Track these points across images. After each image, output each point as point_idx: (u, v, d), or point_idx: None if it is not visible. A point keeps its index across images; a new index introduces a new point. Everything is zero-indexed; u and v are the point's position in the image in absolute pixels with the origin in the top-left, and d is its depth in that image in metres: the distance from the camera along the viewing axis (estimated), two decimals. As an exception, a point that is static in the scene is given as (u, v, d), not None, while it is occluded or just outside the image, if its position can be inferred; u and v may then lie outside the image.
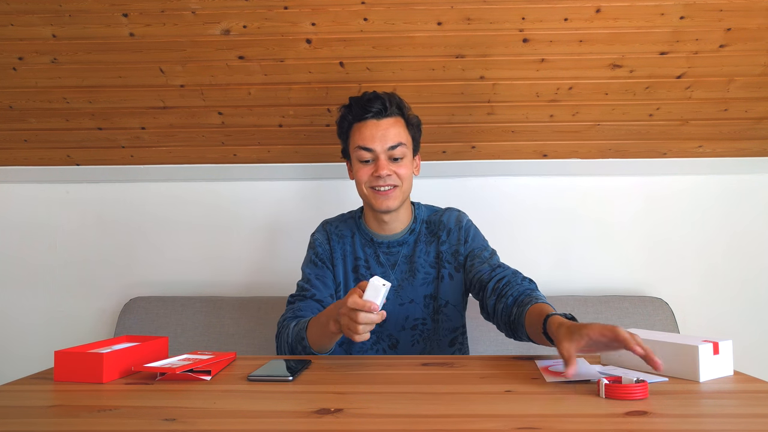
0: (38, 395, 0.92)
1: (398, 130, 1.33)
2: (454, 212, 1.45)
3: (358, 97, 1.35)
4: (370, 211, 1.40)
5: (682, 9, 1.46)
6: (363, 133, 1.32)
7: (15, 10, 1.50)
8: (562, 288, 1.90)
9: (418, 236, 1.42)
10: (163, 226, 1.98)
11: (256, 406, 0.84)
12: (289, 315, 1.34)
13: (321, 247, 1.42)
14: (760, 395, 0.86)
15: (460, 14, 1.49)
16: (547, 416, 0.76)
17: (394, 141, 1.31)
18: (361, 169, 1.33)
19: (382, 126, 1.32)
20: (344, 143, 1.40)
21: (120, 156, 1.92)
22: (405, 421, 0.76)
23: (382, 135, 1.31)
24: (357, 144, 1.32)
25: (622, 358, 1.03)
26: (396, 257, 1.40)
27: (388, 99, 1.33)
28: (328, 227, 1.46)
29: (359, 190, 1.37)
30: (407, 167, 1.34)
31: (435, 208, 1.49)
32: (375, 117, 1.32)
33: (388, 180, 1.31)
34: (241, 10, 1.49)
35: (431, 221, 1.44)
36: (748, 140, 1.82)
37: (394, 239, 1.40)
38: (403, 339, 1.38)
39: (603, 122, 1.77)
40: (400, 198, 1.34)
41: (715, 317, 1.89)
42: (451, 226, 1.41)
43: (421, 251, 1.40)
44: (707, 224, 1.92)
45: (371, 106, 1.31)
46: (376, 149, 1.31)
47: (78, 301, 1.98)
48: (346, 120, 1.37)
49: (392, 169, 1.32)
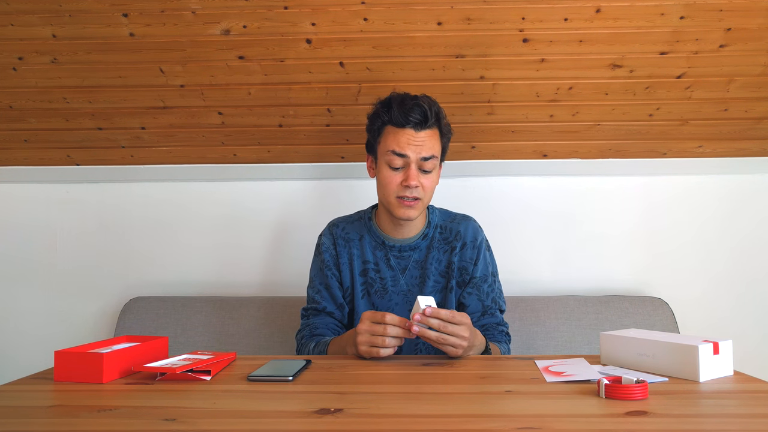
0: (38, 395, 0.92)
1: (433, 142, 1.30)
2: (471, 224, 1.42)
3: (400, 101, 1.30)
4: (386, 213, 1.37)
5: (682, 9, 1.46)
6: (399, 139, 1.29)
7: (15, 10, 1.50)
8: (562, 288, 1.90)
9: (431, 242, 1.40)
10: (163, 226, 1.98)
11: (256, 406, 0.84)
12: (306, 333, 1.38)
13: (327, 253, 1.42)
14: (760, 395, 0.86)
15: (460, 14, 1.49)
16: (547, 416, 0.76)
17: (428, 153, 1.29)
18: (391, 175, 1.30)
19: (420, 137, 1.29)
20: (372, 139, 1.37)
21: (120, 156, 1.92)
22: (405, 421, 0.76)
23: (418, 145, 1.28)
24: (391, 148, 1.29)
25: (622, 358, 1.04)
26: (407, 262, 1.39)
27: (428, 108, 1.29)
28: (334, 230, 1.44)
29: (382, 193, 1.34)
30: (433, 180, 1.33)
31: (450, 212, 1.46)
32: (414, 127, 1.28)
33: (415, 192, 1.29)
34: (241, 10, 1.49)
35: (446, 227, 1.42)
36: (748, 140, 1.83)
37: (407, 243, 1.39)
38: (406, 347, 1.36)
39: (603, 122, 1.77)
40: (420, 209, 1.33)
41: (715, 317, 1.89)
42: (467, 241, 1.39)
43: (434, 258, 1.39)
44: (707, 224, 1.92)
45: (413, 115, 1.27)
46: (410, 157, 1.28)
47: (78, 301, 1.98)
48: (380, 119, 1.33)
49: (420, 181, 1.29)
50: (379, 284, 1.38)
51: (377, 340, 1.07)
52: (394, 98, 1.32)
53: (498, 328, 1.38)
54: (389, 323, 1.07)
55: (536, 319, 1.74)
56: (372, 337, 1.08)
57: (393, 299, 1.37)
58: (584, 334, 1.72)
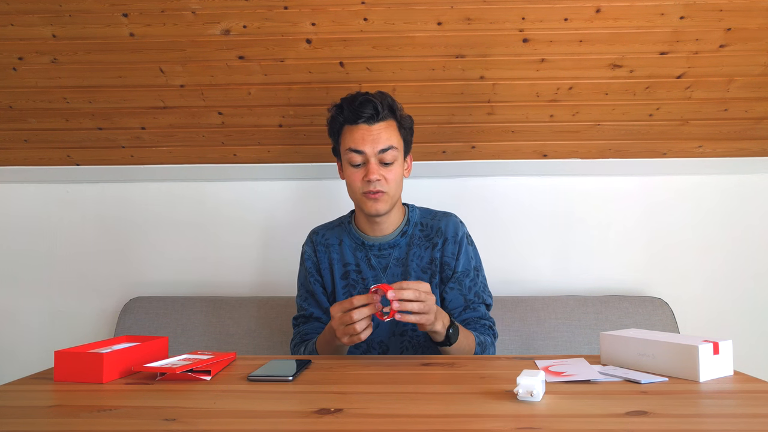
0: (38, 395, 0.92)
1: (389, 134, 1.32)
2: (452, 220, 1.43)
3: (350, 100, 1.33)
4: (362, 213, 1.39)
5: (682, 9, 1.46)
6: (354, 135, 1.31)
7: (15, 10, 1.50)
8: (562, 288, 1.91)
9: (411, 239, 1.40)
10: (163, 226, 1.98)
11: (256, 406, 0.84)
12: (298, 340, 1.41)
13: (309, 261, 1.44)
14: (760, 395, 0.86)
15: (460, 14, 1.49)
16: (547, 416, 0.76)
17: (385, 144, 1.30)
18: (353, 173, 1.33)
19: (374, 130, 1.30)
20: (335, 142, 1.40)
21: (120, 156, 1.92)
22: (405, 421, 0.76)
23: (374, 139, 1.30)
24: (348, 146, 1.32)
25: (622, 358, 1.04)
26: (387, 260, 1.40)
27: (380, 102, 1.31)
28: (314, 237, 1.46)
29: (350, 192, 1.37)
30: (396, 172, 1.33)
31: (430, 210, 1.47)
32: (366, 122, 1.30)
33: (377, 185, 1.31)
34: (241, 10, 1.49)
35: (426, 225, 1.42)
36: (748, 140, 1.83)
37: (386, 241, 1.40)
38: (393, 345, 1.37)
39: (603, 122, 1.77)
40: (389, 202, 1.33)
41: (715, 317, 1.89)
42: (448, 236, 1.40)
43: (414, 255, 1.39)
44: (707, 224, 1.92)
45: (363, 111, 1.30)
46: (366, 152, 1.30)
47: (78, 301, 1.98)
48: (336, 121, 1.36)
49: (382, 174, 1.31)
50: (361, 285, 1.39)
51: (351, 329, 1.09)
52: (345, 98, 1.35)
53: (480, 321, 1.37)
54: (357, 306, 1.08)
55: (536, 319, 1.74)
56: (346, 327, 1.09)
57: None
58: (584, 334, 1.72)
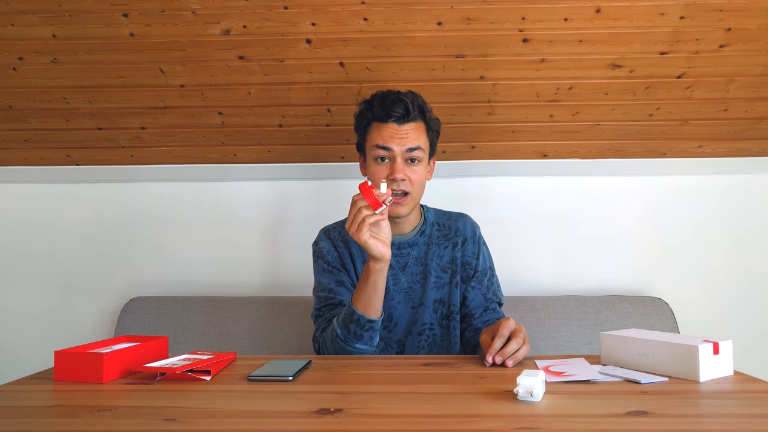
0: (38, 395, 0.92)
1: (417, 134, 1.32)
2: (468, 220, 1.46)
3: (381, 97, 1.33)
4: None
5: (682, 9, 1.46)
6: (383, 133, 1.31)
7: (15, 10, 1.50)
8: (562, 288, 1.91)
9: (430, 238, 1.41)
10: (163, 226, 1.98)
11: (256, 406, 0.84)
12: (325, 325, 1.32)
13: (330, 255, 1.41)
14: (760, 395, 0.86)
15: (460, 14, 1.49)
16: (547, 416, 0.76)
17: (413, 144, 1.30)
18: (378, 169, 1.32)
19: (403, 130, 1.30)
20: (360, 138, 1.39)
21: (120, 156, 1.92)
22: (405, 421, 0.76)
23: (402, 138, 1.30)
24: (375, 142, 1.31)
25: (622, 358, 1.04)
26: (406, 259, 1.40)
27: (411, 102, 1.31)
28: (331, 234, 1.44)
29: None
30: (421, 173, 1.33)
31: (444, 211, 1.48)
32: (396, 121, 1.30)
33: (402, 185, 1.30)
34: (241, 10, 1.49)
35: (443, 225, 1.44)
36: (748, 140, 1.82)
37: (404, 240, 1.40)
38: (409, 344, 1.37)
39: (603, 122, 1.77)
40: (410, 205, 1.33)
41: (716, 317, 1.89)
42: (468, 236, 1.42)
43: (434, 254, 1.40)
44: (707, 224, 1.92)
45: (394, 110, 1.30)
46: (393, 149, 1.30)
47: (78, 301, 1.98)
48: (365, 117, 1.35)
49: (407, 174, 1.30)
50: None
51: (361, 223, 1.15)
52: (376, 95, 1.35)
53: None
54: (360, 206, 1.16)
55: (536, 319, 1.74)
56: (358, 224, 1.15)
57: (395, 297, 1.37)
58: (584, 334, 1.72)
